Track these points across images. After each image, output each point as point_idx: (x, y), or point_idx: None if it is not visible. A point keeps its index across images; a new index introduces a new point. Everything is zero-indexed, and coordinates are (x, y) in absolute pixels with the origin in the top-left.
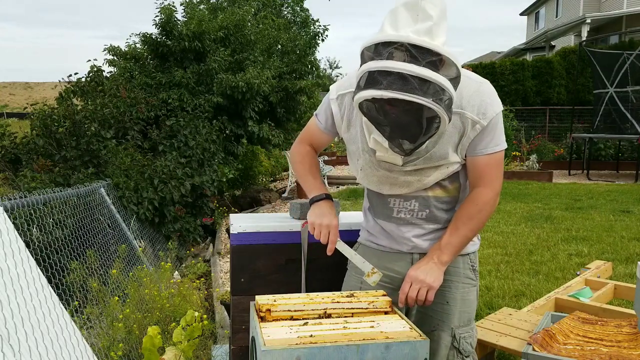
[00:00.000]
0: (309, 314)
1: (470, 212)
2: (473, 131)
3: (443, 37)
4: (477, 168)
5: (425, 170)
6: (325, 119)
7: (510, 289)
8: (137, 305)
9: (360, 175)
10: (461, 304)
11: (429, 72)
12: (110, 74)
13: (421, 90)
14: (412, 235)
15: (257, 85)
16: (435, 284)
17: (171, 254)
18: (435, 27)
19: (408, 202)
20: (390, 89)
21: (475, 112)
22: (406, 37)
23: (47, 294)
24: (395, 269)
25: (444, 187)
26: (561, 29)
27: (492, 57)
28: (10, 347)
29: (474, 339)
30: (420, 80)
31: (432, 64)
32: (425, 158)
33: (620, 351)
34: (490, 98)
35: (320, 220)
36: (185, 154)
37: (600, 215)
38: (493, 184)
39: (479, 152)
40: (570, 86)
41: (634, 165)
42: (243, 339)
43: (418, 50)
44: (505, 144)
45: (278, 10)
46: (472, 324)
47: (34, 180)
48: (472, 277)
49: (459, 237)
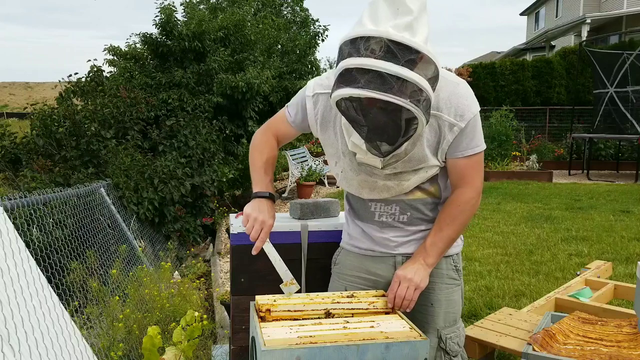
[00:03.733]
0: (309, 314)
1: (453, 213)
2: (451, 134)
3: (424, 32)
4: (458, 170)
5: (405, 174)
6: (295, 113)
7: (510, 289)
8: (137, 305)
9: (340, 178)
10: (446, 305)
11: (408, 72)
12: (110, 74)
13: (399, 91)
14: (393, 236)
15: (257, 85)
16: (422, 284)
17: (171, 254)
18: (416, 22)
19: (389, 206)
20: (368, 88)
21: (453, 115)
22: (385, 32)
23: (47, 294)
24: (378, 272)
25: (424, 190)
26: (561, 29)
27: (492, 57)
28: (10, 347)
29: (461, 338)
30: (399, 80)
31: (411, 62)
32: (404, 161)
33: (620, 351)
34: (467, 100)
35: (256, 215)
36: (185, 154)
37: (600, 215)
38: (474, 184)
39: (459, 154)
40: (570, 86)
41: (634, 165)
42: (243, 339)
43: (397, 46)
44: (484, 145)
45: (278, 10)
46: (458, 323)
47: (34, 180)
48: (456, 277)
49: (443, 238)
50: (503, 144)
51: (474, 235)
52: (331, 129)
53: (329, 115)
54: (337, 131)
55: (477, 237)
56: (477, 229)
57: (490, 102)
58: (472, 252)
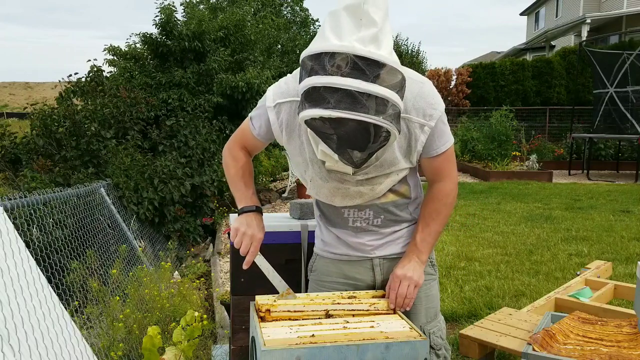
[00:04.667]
0: (309, 315)
1: (437, 207)
2: (423, 134)
3: (389, 43)
4: (433, 167)
5: (377, 178)
6: (259, 126)
7: (510, 289)
8: (137, 305)
9: (309, 186)
10: (426, 301)
11: (378, 88)
12: (110, 74)
13: (370, 108)
14: (369, 240)
15: (257, 85)
16: (420, 281)
17: (171, 254)
18: (381, 33)
19: (362, 211)
20: (339, 109)
21: (422, 115)
22: (351, 48)
23: (47, 294)
24: (356, 276)
25: (396, 192)
26: (561, 29)
27: (492, 57)
28: (10, 347)
29: (443, 331)
30: (370, 97)
31: (379, 77)
32: (376, 166)
33: (620, 351)
34: (433, 99)
35: (244, 229)
36: (185, 154)
37: (600, 215)
38: (451, 175)
39: (434, 153)
40: (570, 86)
41: (634, 165)
42: (243, 339)
43: (364, 62)
44: (452, 138)
45: (278, 10)
46: (439, 317)
47: (34, 180)
48: (432, 272)
49: (431, 233)
50: (503, 144)
51: (474, 235)
52: (297, 138)
53: (293, 124)
54: (303, 140)
55: (477, 237)
56: (477, 229)
57: (490, 102)
58: (472, 252)
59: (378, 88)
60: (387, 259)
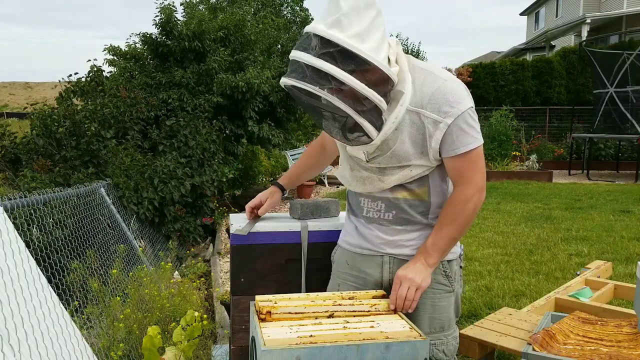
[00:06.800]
0: (309, 316)
1: (453, 212)
2: (438, 131)
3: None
4: (454, 168)
5: (389, 169)
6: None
7: (510, 289)
8: (137, 305)
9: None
10: (431, 310)
11: (322, 63)
12: (110, 74)
13: (312, 79)
14: (378, 232)
15: (257, 85)
16: (423, 283)
17: (171, 253)
18: (344, 17)
19: (375, 202)
20: (290, 77)
21: (437, 111)
22: (313, 27)
23: (47, 294)
24: (367, 271)
25: (410, 190)
26: (561, 29)
27: (492, 57)
28: (10, 347)
29: (450, 348)
30: (314, 70)
31: (329, 55)
32: (387, 157)
33: (620, 351)
34: (454, 96)
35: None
36: (185, 154)
37: (600, 215)
38: (473, 180)
39: (452, 153)
40: (570, 86)
41: (634, 165)
42: (243, 339)
43: (319, 40)
44: (479, 141)
45: (278, 10)
46: (449, 332)
47: (34, 180)
48: (445, 284)
49: (443, 237)
50: (503, 144)
51: (474, 235)
52: None
53: None
54: None
55: (477, 237)
56: (477, 229)
57: (490, 102)
58: (472, 252)
59: (321, 62)
60: (397, 258)
